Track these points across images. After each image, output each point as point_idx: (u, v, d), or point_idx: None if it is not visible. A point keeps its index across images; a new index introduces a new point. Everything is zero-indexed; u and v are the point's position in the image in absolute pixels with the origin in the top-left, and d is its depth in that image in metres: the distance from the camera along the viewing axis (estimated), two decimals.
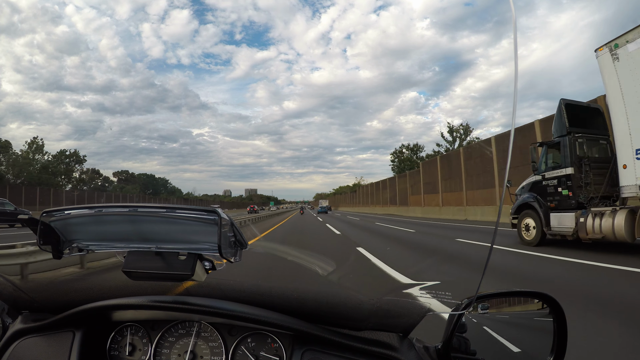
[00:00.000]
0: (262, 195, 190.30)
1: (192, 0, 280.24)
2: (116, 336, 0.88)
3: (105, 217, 0.71)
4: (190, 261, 0.68)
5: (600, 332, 2.70)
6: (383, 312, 0.77)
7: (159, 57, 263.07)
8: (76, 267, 5.36)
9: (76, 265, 5.37)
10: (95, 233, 0.74)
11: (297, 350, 0.76)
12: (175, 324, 0.86)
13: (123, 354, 0.86)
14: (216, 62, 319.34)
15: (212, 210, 0.65)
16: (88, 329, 0.84)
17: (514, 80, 0.57)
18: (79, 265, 5.40)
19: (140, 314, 0.86)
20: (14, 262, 4.40)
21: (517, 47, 0.57)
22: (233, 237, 0.68)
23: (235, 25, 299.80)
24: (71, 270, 5.25)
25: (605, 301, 3.61)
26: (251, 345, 0.81)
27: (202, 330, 0.84)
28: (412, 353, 0.73)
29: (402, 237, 11.52)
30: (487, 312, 0.79)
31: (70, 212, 0.71)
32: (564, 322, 0.76)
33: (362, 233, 13.47)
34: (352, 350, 0.74)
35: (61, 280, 2.71)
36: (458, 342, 0.74)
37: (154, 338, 0.85)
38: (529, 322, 0.84)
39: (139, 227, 0.71)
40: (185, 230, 0.70)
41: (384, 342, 0.75)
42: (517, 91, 0.58)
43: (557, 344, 0.76)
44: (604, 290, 4.08)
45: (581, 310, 3.20)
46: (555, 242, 7.79)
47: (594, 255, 6.19)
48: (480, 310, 0.79)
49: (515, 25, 0.57)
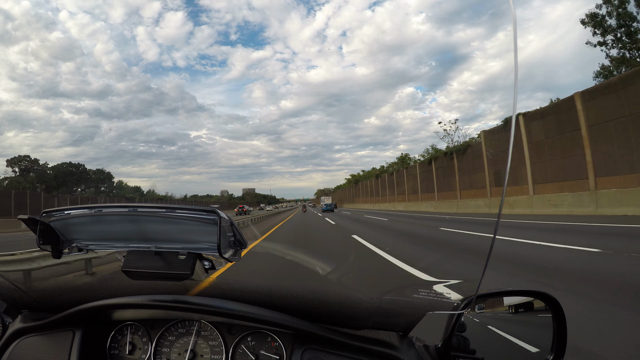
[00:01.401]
0: (258, 194, 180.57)
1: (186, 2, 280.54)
2: (116, 335, 0.88)
3: (104, 217, 0.71)
4: (189, 261, 0.68)
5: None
6: (383, 311, 0.77)
7: (154, 60, 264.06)
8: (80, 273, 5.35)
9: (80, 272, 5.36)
10: (95, 233, 0.74)
11: (297, 349, 0.76)
12: (175, 323, 0.86)
13: (123, 353, 0.86)
14: (212, 64, 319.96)
15: (212, 210, 0.65)
16: (88, 328, 0.84)
17: (514, 82, 0.57)
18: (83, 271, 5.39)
19: (140, 313, 0.86)
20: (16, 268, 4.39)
21: (516, 41, 0.57)
22: (232, 237, 0.68)
23: (230, 26, 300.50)
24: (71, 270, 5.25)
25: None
26: (251, 344, 0.82)
27: (202, 329, 0.85)
28: (412, 352, 0.73)
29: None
30: (486, 311, 0.79)
31: (70, 212, 0.71)
32: (564, 321, 0.76)
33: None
34: (352, 349, 0.74)
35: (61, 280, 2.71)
36: (458, 341, 0.74)
37: (154, 337, 0.85)
38: (528, 321, 0.84)
39: (138, 227, 0.71)
40: (184, 230, 0.70)
41: (384, 340, 0.75)
42: (517, 92, 0.58)
43: (556, 342, 0.76)
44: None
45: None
46: None
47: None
48: (480, 310, 0.79)
49: (515, 22, 0.57)
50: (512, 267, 4.73)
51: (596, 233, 7.85)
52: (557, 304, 0.77)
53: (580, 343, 2.19)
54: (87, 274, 5.18)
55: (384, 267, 5.36)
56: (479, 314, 0.79)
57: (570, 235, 7.74)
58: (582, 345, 2.16)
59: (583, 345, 2.17)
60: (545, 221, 11.36)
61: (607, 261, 4.76)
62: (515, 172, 17.79)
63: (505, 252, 5.71)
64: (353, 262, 6.09)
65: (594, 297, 3.23)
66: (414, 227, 13.01)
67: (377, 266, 5.50)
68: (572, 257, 5.23)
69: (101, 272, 5.31)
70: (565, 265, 4.72)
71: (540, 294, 0.78)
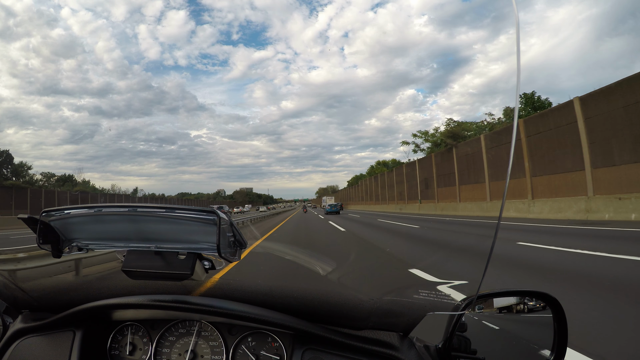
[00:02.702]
0: (253, 194, 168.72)
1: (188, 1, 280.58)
2: (117, 335, 0.88)
3: (104, 216, 0.71)
4: (189, 261, 0.68)
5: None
6: (383, 311, 0.77)
7: (155, 59, 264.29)
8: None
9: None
10: (95, 232, 0.74)
11: (297, 350, 0.76)
12: (176, 323, 0.86)
13: (123, 353, 0.86)
14: (213, 63, 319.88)
15: (211, 210, 0.65)
16: (88, 328, 0.84)
17: (516, 84, 0.57)
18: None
19: (140, 313, 0.86)
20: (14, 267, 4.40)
21: (519, 44, 0.57)
22: (232, 237, 0.68)
23: (232, 25, 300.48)
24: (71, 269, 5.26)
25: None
26: (251, 345, 0.81)
27: (202, 329, 0.84)
28: (412, 352, 0.73)
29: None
30: (487, 312, 0.79)
31: (70, 212, 0.71)
32: (565, 322, 0.76)
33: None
34: (353, 349, 0.74)
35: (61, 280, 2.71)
36: (458, 341, 0.74)
37: (154, 337, 0.85)
38: (529, 321, 0.84)
39: (138, 227, 0.71)
40: (184, 230, 0.70)
41: (385, 341, 0.75)
42: (518, 90, 0.58)
43: (557, 343, 0.76)
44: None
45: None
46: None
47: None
48: (481, 310, 0.78)
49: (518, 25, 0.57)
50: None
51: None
52: (557, 304, 0.77)
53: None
54: (87, 274, 5.18)
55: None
56: (480, 314, 0.78)
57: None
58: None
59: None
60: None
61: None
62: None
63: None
64: (353, 262, 6.08)
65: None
66: (480, 240, 8.31)
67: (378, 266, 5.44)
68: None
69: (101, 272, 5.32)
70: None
71: (541, 294, 0.78)
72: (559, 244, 6.86)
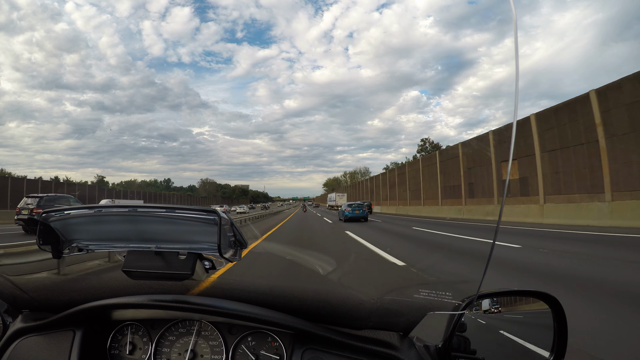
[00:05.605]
0: (251, 191, 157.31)
1: None
2: (116, 335, 0.88)
3: (104, 217, 0.71)
4: (190, 261, 0.69)
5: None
6: (383, 311, 0.77)
7: (159, 55, 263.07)
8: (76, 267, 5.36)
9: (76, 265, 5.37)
10: (95, 233, 0.74)
11: (297, 349, 0.76)
12: (176, 322, 0.86)
13: (123, 352, 0.86)
14: (217, 61, 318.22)
15: (212, 210, 0.65)
16: (88, 328, 0.84)
17: (515, 82, 0.57)
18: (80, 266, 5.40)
19: (140, 313, 0.86)
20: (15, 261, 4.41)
21: (517, 47, 0.57)
22: (233, 237, 0.68)
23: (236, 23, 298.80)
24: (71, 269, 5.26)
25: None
26: (251, 344, 0.82)
27: (202, 329, 0.84)
28: (412, 352, 0.73)
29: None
30: (487, 312, 0.79)
31: (70, 212, 0.71)
32: (564, 321, 0.76)
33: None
34: (353, 349, 0.74)
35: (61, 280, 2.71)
36: (458, 341, 0.74)
37: (154, 337, 0.85)
38: (529, 321, 0.84)
39: (138, 227, 0.71)
40: (185, 230, 0.70)
41: (385, 341, 0.75)
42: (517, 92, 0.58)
43: (557, 343, 0.76)
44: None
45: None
46: None
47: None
48: (481, 310, 0.78)
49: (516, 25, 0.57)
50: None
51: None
52: (557, 304, 0.77)
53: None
54: (87, 274, 5.18)
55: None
56: (479, 314, 0.78)
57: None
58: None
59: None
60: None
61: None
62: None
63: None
64: (353, 262, 6.08)
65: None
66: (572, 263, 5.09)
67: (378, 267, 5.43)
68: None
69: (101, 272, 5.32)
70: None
71: (541, 294, 0.78)
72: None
